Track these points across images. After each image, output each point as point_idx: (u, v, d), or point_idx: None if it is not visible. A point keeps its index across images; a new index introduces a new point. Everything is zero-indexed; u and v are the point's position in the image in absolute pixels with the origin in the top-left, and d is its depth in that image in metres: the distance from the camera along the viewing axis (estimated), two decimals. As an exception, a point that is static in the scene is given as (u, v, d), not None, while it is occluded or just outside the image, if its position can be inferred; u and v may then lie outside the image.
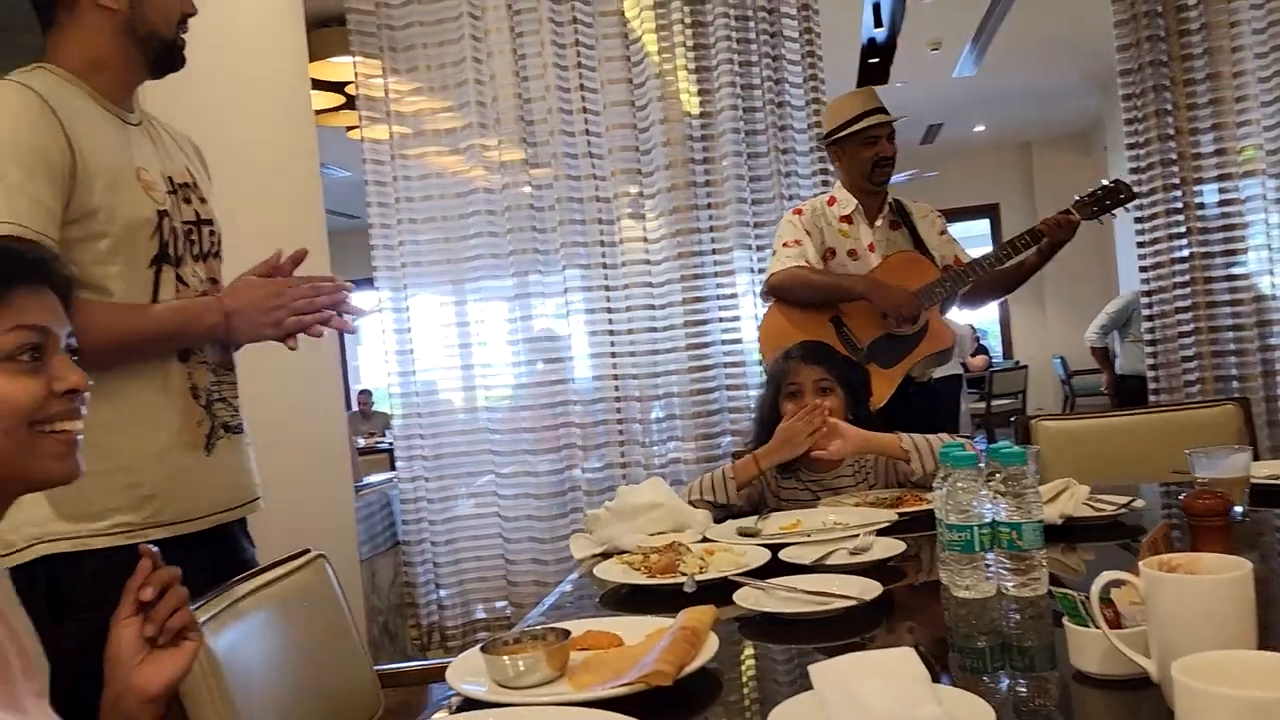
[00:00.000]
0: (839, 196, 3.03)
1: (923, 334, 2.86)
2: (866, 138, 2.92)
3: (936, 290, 2.84)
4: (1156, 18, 3.41)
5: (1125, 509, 1.72)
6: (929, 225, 3.04)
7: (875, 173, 2.93)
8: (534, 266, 3.61)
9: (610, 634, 1.29)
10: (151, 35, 1.58)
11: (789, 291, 2.93)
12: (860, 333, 2.89)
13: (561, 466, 3.60)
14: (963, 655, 1.22)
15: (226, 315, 1.58)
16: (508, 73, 3.58)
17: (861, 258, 2.96)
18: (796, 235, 2.97)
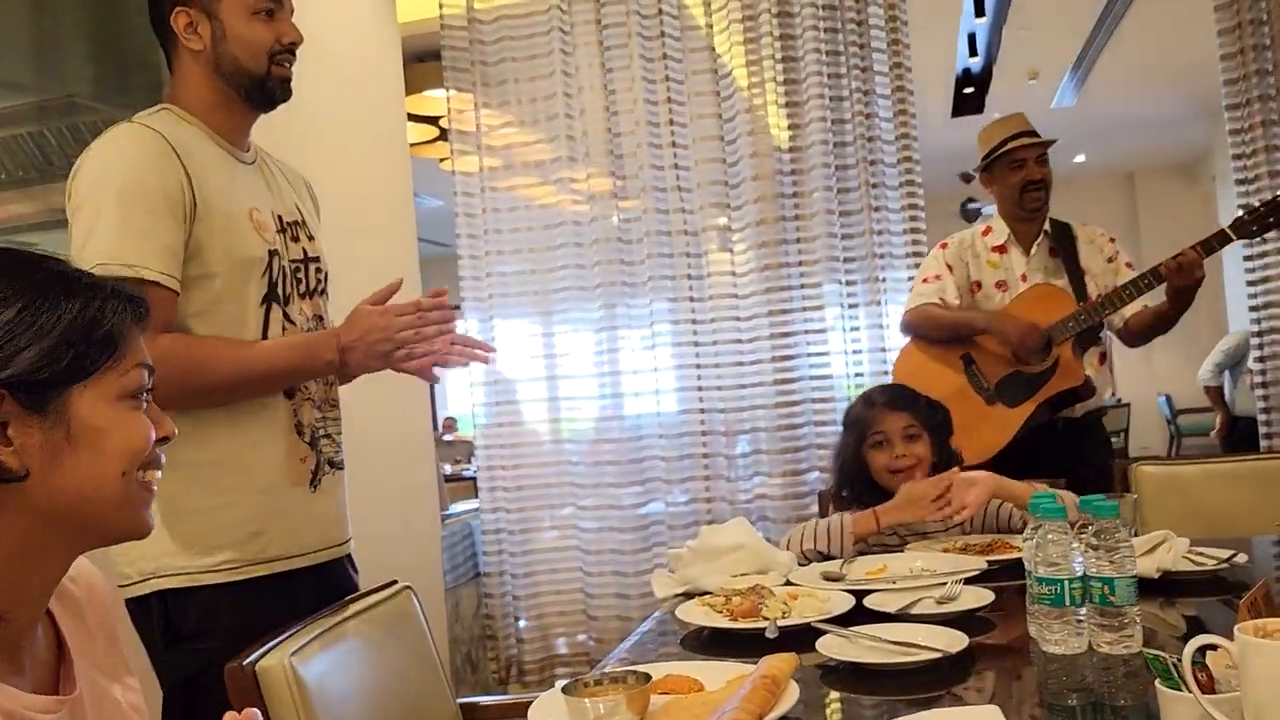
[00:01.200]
0: (994, 226, 2.99)
1: (1053, 371, 2.76)
2: (1013, 161, 2.87)
3: (1069, 324, 2.72)
4: (1264, 50, 3.29)
5: (1227, 564, 1.65)
6: (1094, 251, 2.93)
7: (1025, 198, 2.87)
8: (621, 298, 3.64)
9: (690, 678, 1.29)
10: (238, 71, 1.60)
11: (919, 329, 2.95)
12: (988, 370, 2.83)
13: (645, 499, 3.60)
14: (1053, 713, 1.18)
15: (342, 350, 1.61)
16: (598, 106, 3.64)
17: (1011, 289, 2.90)
18: (937, 270, 2.96)
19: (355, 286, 1.75)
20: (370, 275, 3.06)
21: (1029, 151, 2.86)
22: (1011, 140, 2.87)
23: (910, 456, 2.13)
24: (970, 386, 2.79)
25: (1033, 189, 2.85)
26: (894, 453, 2.14)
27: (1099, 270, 2.88)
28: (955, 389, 2.80)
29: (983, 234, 2.98)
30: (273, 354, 1.59)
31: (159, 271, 1.46)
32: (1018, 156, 2.86)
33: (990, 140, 2.93)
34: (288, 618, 1.44)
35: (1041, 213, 2.90)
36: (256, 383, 1.57)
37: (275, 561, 1.59)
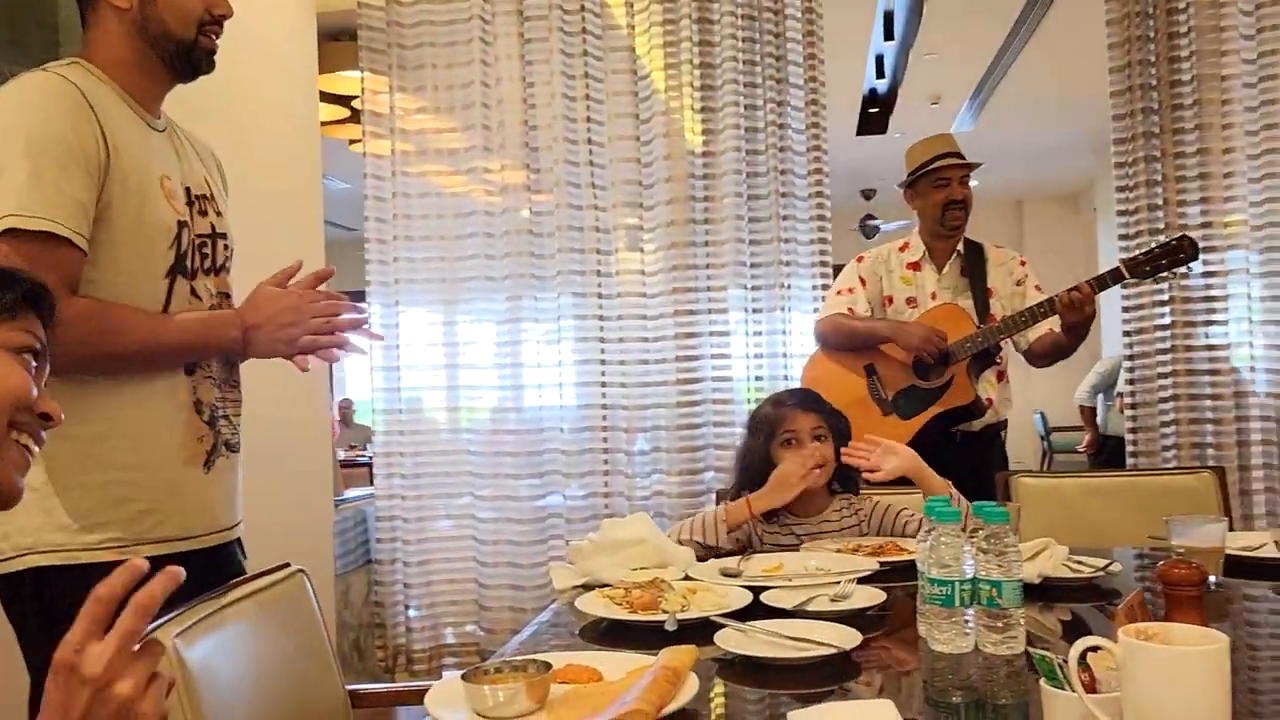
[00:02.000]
0: (911, 243, 3.07)
1: (946, 388, 2.87)
2: (938, 180, 2.96)
3: (967, 345, 2.83)
4: (1151, 90, 3.48)
5: (1102, 572, 1.75)
6: (1004, 273, 3.03)
7: (947, 216, 2.95)
8: (528, 291, 3.63)
9: (591, 669, 1.30)
10: (165, 36, 1.55)
11: (828, 338, 3.04)
12: (889, 381, 2.93)
13: (543, 492, 3.61)
14: (938, 710, 1.24)
15: (246, 329, 1.57)
16: (515, 98, 3.62)
17: (921, 305, 2.99)
18: (851, 283, 3.04)
19: (258, 264, 1.71)
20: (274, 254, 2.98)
21: (954, 172, 2.96)
22: (938, 160, 2.96)
23: (818, 455, 2.17)
24: (870, 396, 2.88)
25: (954, 208, 2.95)
26: (803, 452, 2.18)
27: (1006, 292, 2.99)
28: (856, 397, 2.89)
29: (899, 250, 3.07)
30: (182, 327, 1.53)
31: (70, 229, 1.39)
32: (943, 175, 2.95)
33: (918, 158, 3.01)
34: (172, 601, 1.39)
35: (959, 232, 3.01)
36: (164, 355, 1.52)
37: (164, 543, 1.54)
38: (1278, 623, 1.59)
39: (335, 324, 1.60)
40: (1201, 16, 3.41)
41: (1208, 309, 3.47)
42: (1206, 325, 3.47)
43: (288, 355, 1.60)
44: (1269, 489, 3.41)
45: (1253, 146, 3.40)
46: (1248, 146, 3.40)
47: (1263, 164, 3.38)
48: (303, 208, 3.28)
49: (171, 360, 1.54)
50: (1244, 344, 3.45)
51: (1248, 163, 3.40)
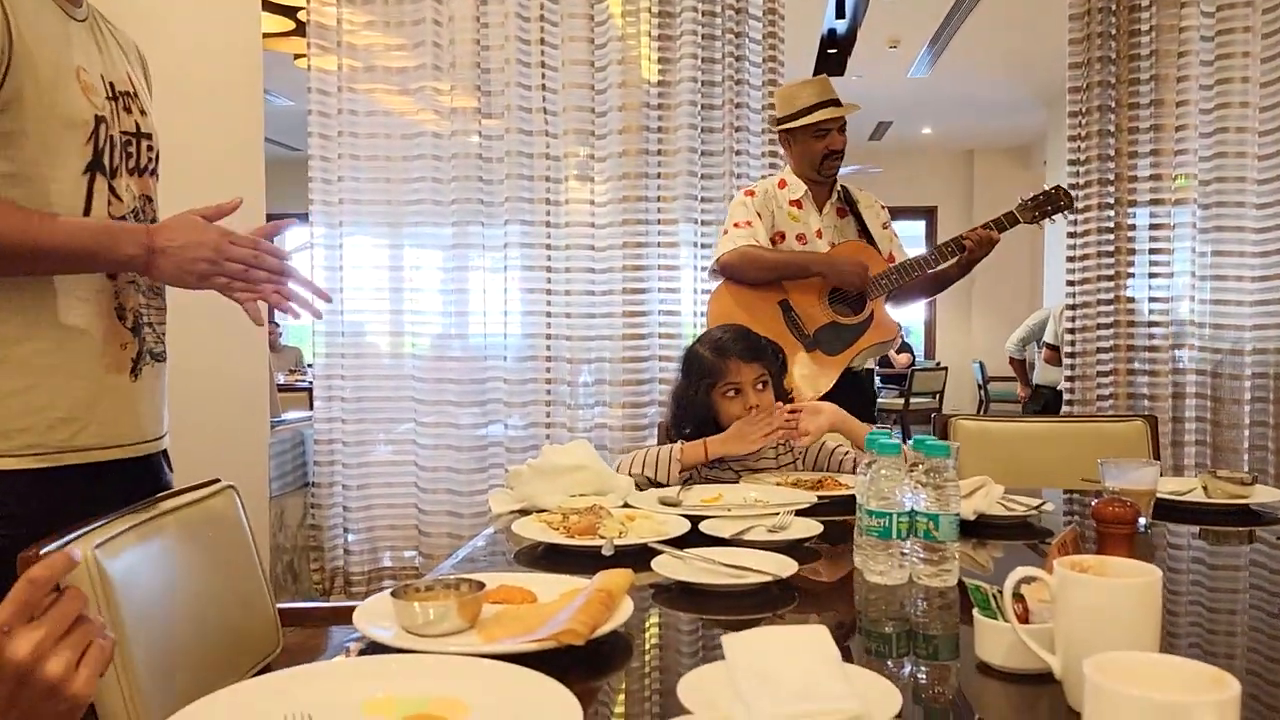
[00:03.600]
0: (789, 180, 3.00)
1: (868, 324, 2.88)
2: (818, 130, 2.90)
3: (883, 282, 2.85)
4: (1110, 39, 3.48)
5: (1035, 511, 1.77)
6: (873, 215, 3.05)
7: (824, 165, 2.92)
8: (476, 217, 3.56)
9: (524, 590, 1.28)
10: None
11: (740, 270, 2.90)
12: (807, 318, 2.90)
13: (484, 421, 3.58)
14: (869, 639, 1.24)
15: (151, 251, 1.46)
16: (468, 16, 3.51)
17: (810, 243, 2.96)
18: (748, 216, 2.94)
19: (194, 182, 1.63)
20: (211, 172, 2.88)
21: (834, 123, 2.90)
22: (820, 108, 2.89)
23: (762, 406, 2.18)
24: (789, 331, 2.86)
25: (832, 158, 2.92)
26: (748, 403, 2.17)
27: (879, 235, 3.01)
28: (774, 333, 2.87)
29: (779, 186, 3.00)
30: (67, 232, 1.42)
31: None
32: (824, 126, 2.89)
33: (794, 101, 2.92)
34: (95, 512, 1.34)
35: (834, 180, 3.00)
36: (46, 259, 1.41)
37: (85, 451, 1.48)
38: (1201, 563, 1.63)
39: (251, 275, 1.50)
40: (1163, -33, 3.41)
41: (1152, 263, 3.52)
42: (1150, 278, 3.52)
43: (198, 288, 1.51)
44: (1199, 440, 3.50)
45: (1206, 101, 3.42)
46: (1201, 100, 3.43)
47: (1214, 119, 3.41)
48: (242, 124, 3.15)
49: (57, 266, 1.43)
50: (1185, 298, 3.51)
51: (1200, 117, 3.43)
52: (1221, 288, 3.47)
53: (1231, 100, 3.39)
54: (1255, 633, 1.26)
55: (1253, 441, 3.45)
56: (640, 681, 1.10)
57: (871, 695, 0.88)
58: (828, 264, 2.85)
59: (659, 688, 1.06)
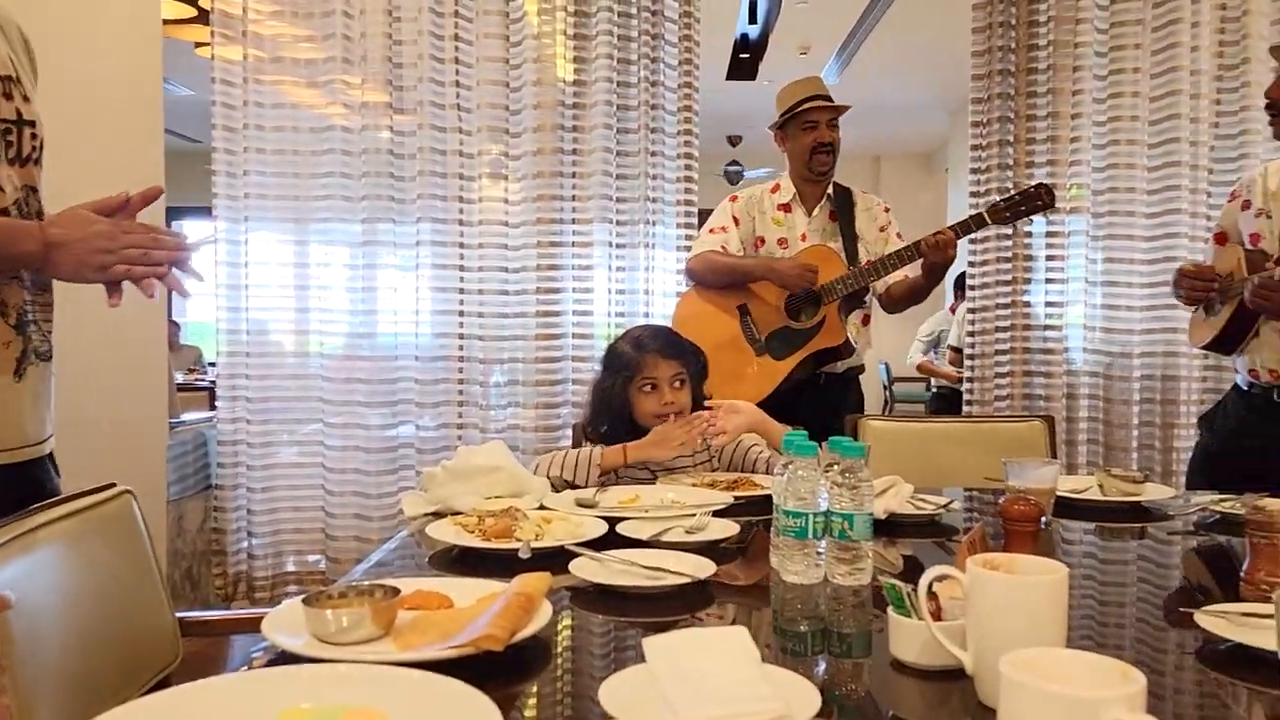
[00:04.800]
0: (782, 184, 3.07)
1: (818, 329, 2.91)
2: (805, 122, 2.96)
3: (838, 286, 2.87)
4: (1010, 53, 3.60)
5: (943, 510, 1.82)
6: (870, 219, 3.08)
7: (814, 159, 2.97)
8: (387, 214, 3.49)
9: (440, 595, 1.26)
10: None
11: (702, 276, 3.01)
12: (762, 322, 2.94)
13: (394, 422, 3.51)
14: (785, 638, 1.26)
15: (47, 246, 1.41)
16: (379, 9, 3.44)
17: (792, 247, 3.00)
18: (724, 221, 3.03)
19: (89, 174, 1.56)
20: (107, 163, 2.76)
21: (822, 114, 2.97)
22: (807, 102, 2.96)
23: (677, 403, 2.19)
24: (743, 336, 2.90)
25: (822, 151, 2.97)
26: (663, 399, 2.19)
27: (872, 238, 3.05)
28: (729, 337, 2.91)
29: (771, 191, 3.08)
30: None
31: None
32: (811, 118, 2.96)
33: (787, 100, 3.01)
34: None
35: (828, 176, 3.04)
36: None
37: None
38: (1096, 558, 1.69)
39: (152, 256, 1.45)
40: (1062, -16, 3.53)
41: (1048, 269, 3.65)
42: (1046, 284, 3.64)
43: (97, 281, 1.45)
44: (1091, 440, 3.64)
45: (1099, 114, 3.56)
46: (1095, 113, 3.56)
47: (1107, 131, 3.55)
48: (140, 113, 3.02)
49: None
50: (1079, 303, 3.64)
51: (1094, 129, 3.57)
52: (1112, 293, 3.61)
53: (1123, 114, 3.53)
54: (1141, 623, 1.32)
55: (1141, 440, 3.61)
56: (561, 686, 1.09)
57: (792, 695, 0.89)
58: (769, 269, 2.89)
59: (580, 692, 1.06)
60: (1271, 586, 1.29)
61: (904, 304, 3.05)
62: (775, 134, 3.08)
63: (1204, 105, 3.46)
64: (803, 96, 2.98)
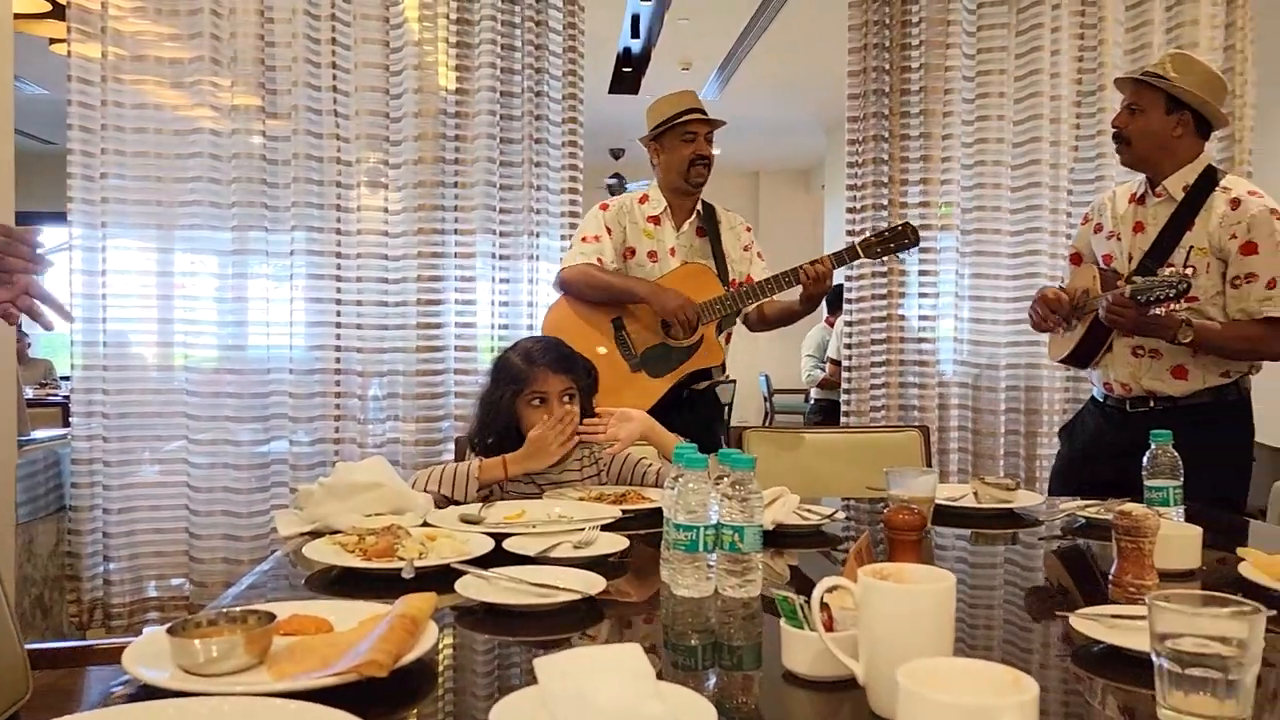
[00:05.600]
0: (651, 195, 3.05)
1: (696, 348, 2.91)
2: (685, 134, 2.96)
3: (716, 307, 2.88)
4: (884, 74, 3.71)
5: (828, 519, 1.85)
6: (734, 237, 3.10)
7: (692, 172, 2.97)
8: (259, 222, 3.36)
9: (319, 619, 1.20)
10: None
11: (577, 288, 2.95)
12: (637, 339, 2.92)
13: (266, 438, 3.37)
14: (676, 653, 1.24)
15: None
16: (250, 10, 3.32)
17: (661, 260, 2.99)
18: (597, 231, 2.98)
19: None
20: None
21: (701, 127, 2.99)
22: (687, 114, 2.97)
23: (574, 424, 2.16)
24: (618, 352, 2.88)
25: (700, 164, 2.98)
26: (551, 413, 2.15)
27: (737, 256, 3.08)
28: (603, 352, 2.89)
29: (640, 201, 3.07)
30: None
31: None
32: (691, 130, 2.97)
33: (666, 111, 3.01)
34: None
35: (700, 190, 3.05)
36: None
37: None
38: (975, 564, 1.74)
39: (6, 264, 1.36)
40: (931, 9, 3.66)
41: (921, 283, 3.77)
42: (919, 298, 3.76)
43: None
44: (962, 448, 3.77)
45: (968, 136, 3.70)
46: (963, 135, 3.70)
47: (975, 152, 3.70)
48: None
49: None
50: (949, 316, 3.77)
51: (962, 150, 3.71)
52: (979, 307, 3.75)
53: (989, 136, 3.69)
54: (1017, 627, 1.36)
55: (1007, 449, 3.76)
56: (448, 712, 1.05)
57: (686, 712, 0.88)
58: (652, 294, 2.87)
59: (468, 717, 1.02)
60: (1138, 589, 1.35)
61: (774, 325, 3.12)
62: (649, 146, 3.07)
63: (1064, 129, 3.64)
64: (682, 108, 2.99)
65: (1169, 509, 1.80)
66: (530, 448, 2.09)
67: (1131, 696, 1.05)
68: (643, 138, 3.10)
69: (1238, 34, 3.61)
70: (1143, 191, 2.62)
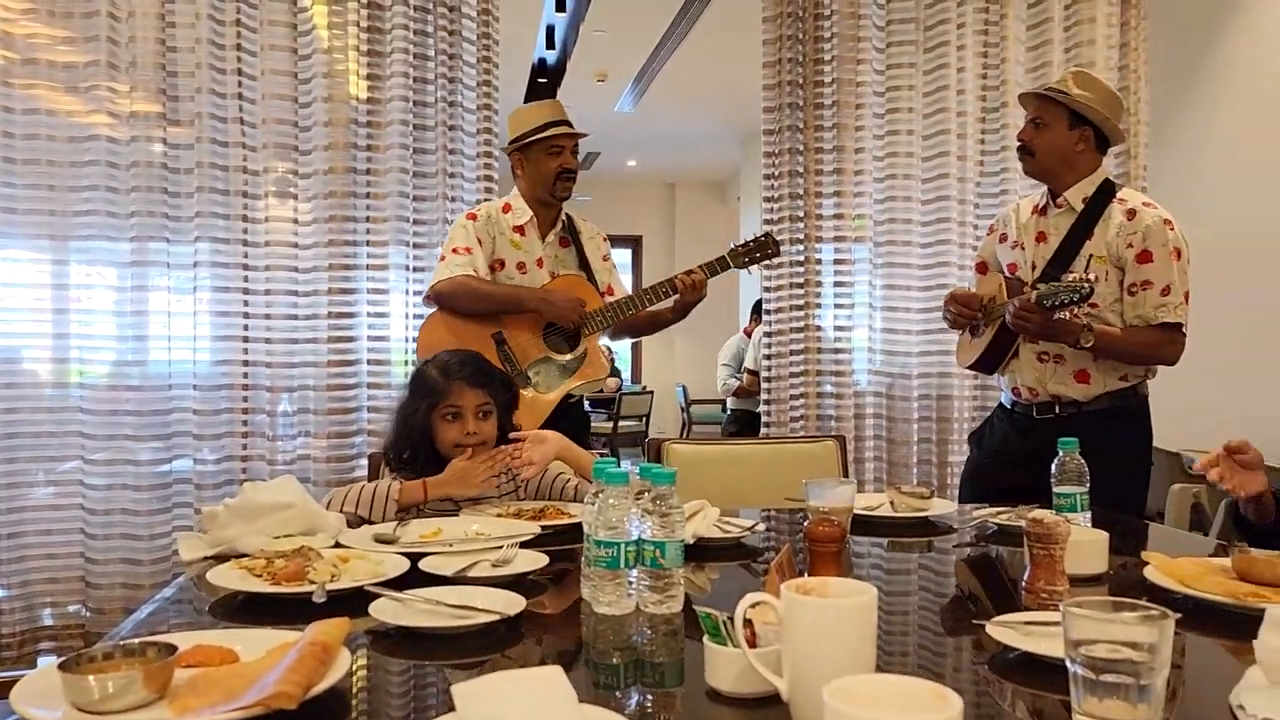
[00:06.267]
0: (515, 205, 2.97)
1: (582, 360, 2.89)
2: (551, 147, 2.91)
3: (598, 319, 2.87)
4: (798, 88, 3.76)
5: (748, 532, 1.85)
6: (595, 248, 3.08)
7: (558, 185, 2.92)
8: (160, 233, 3.24)
9: (224, 649, 1.15)
10: None
11: (455, 301, 2.84)
12: (521, 353, 2.86)
13: (169, 456, 3.24)
14: (597, 672, 1.22)
15: None
16: (150, 14, 3.20)
17: (530, 272, 2.93)
18: (468, 242, 2.88)
19: None
20: None
21: (568, 141, 2.95)
22: (553, 126, 2.93)
23: (480, 434, 2.13)
24: (503, 367, 2.83)
25: (566, 177, 2.94)
26: (465, 428, 2.13)
27: (598, 266, 3.07)
28: None
29: (503, 210, 2.98)
30: None
31: None
32: (558, 143, 2.93)
33: (528, 121, 2.95)
34: None
35: (564, 201, 3.01)
36: None
37: None
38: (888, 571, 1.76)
39: None
40: (843, 26, 3.73)
41: (836, 294, 3.82)
42: (835, 308, 3.82)
43: None
44: (877, 457, 3.82)
45: (879, 149, 3.77)
46: (875, 149, 3.77)
47: (886, 165, 3.77)
48: None
49: None
50: (864, 326, 3.84)
51: (874, 163, 3.78)
52: (892, 317, 3.82)
53: (899, 150, 3.76)
54: (936, 635, 1.38)
55: (920, 457, 3.83)
56: (361, 742, 1.01)
57: (611, 737, 0.86)
58: (544, 300, 2.83)
59: (383, 747, 0.98)
60: (1050, 595, 1.37)
61: (639, 334, 3.15)
62: (512, 156, 3.01)
63: (970, 144, 3.74)
64: (548, 120, 2.93)
65: (1077, 514, 1.85)
66: (454, 475, 2.06)
67: (1046, 702, 1.07)
68: (505, 147, 3.03)
69: (1131, 54, 3.76)
70: (1045, 203, 2.71)
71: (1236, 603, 1.38)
